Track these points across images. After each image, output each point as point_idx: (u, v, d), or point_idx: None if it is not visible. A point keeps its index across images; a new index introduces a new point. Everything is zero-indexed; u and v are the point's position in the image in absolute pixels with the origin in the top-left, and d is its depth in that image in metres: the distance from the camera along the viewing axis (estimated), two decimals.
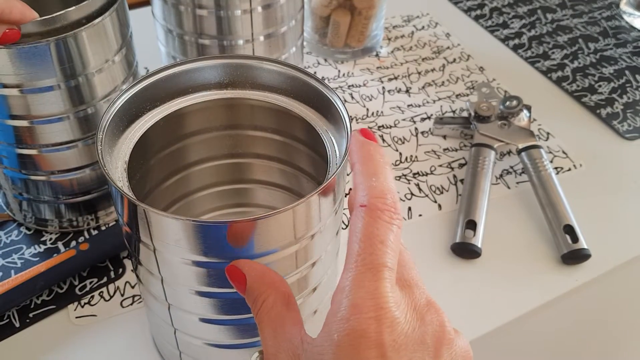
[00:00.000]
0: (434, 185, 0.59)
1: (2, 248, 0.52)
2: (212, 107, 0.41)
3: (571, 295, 0.51)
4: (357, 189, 0.27)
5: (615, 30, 0.81)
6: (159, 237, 0.32)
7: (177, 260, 0.32)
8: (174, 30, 0.54)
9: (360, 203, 0.26)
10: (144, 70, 0.71)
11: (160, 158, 0.42)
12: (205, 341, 0.38)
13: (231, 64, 0.39)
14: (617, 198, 0.59)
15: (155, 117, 0.38)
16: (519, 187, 0.59)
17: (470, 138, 0.64)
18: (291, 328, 0.26)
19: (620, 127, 0.66)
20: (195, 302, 0.35)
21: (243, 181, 0.47)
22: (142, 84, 0.37)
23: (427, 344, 0.25)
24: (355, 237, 0.26)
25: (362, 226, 0.25)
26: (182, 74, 0.39)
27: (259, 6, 0.52)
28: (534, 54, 0.76)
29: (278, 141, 0.43)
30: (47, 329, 0.47)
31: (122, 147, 0.36)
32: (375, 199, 0.26)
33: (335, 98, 0.36)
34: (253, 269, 0.29)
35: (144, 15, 0.72)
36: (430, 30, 0.80)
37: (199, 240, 0.30)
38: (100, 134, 0.33)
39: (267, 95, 0.40)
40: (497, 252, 0.53)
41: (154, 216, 0.31)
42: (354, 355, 0.23)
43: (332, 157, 0.36)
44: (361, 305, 0.24)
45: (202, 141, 0.43)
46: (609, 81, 0.72)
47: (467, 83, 0.71)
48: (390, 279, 0.25)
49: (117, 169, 0.34)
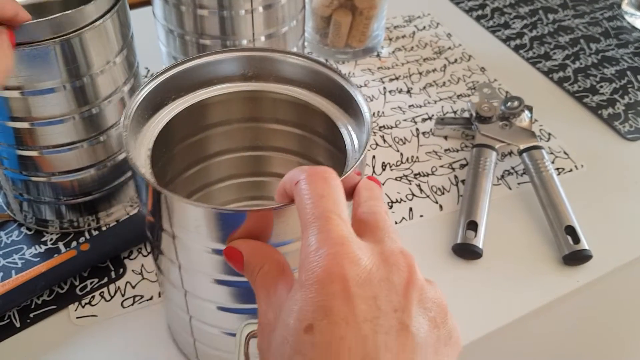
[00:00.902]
0: (435, 186, 0.59)
1: (3, 248, 0.52)
2: (235, 99, 0.41)
3: (572, 296, 0.51)
4: (286, 183, 0.28)
5: (616, 31, 0.81)
6: (179, 223, 0.32)
7: (195, 248, 0.33)
8: (174, 30, 0.54)
9: (295, 181, 0.27)
10: (145, 70, 0.71)
11: (182, 148, 0.42)
12: (221, 330, 0.38)
13: (255, 57, 0.40)
14: (618, 199, 0.59)
15: (179, 106, 0.39)
16: (520, 188, 0.59)
17: (471, 139, 0.64)
18: (283, 289, 0.27)
19: (622, 128, 0.66)
20: (213, 290, 0.35)
21: (262, 174, 0.48)
22: (168, 73, 0.38)
23: (393, 282, 0.25)
24: (301, 204, 0.26)
25: (303, 191, 0.26)
26: (207, 65, 0.39)
27: (260, 6, 0.52)
28: (535, 54, 0.76)
29: (298, 135, 0.43)
30: (48, 329, 0.47)
31: (146, 135, 0.37)
32: (309, 172, 0.27)
33: (356, 93, 0.36)
34: (248, 245, 0.30)
35: (144, 15, 0.71)
36: (431, 31, 0.80)
37: (218, 228, 0.31)
38: (125, 121, 0.34)
39: (289, 88, 0.40)
40: (498, 253, 0.53)
41: (174, 202, 0.31)
42: (320, 291, 0.23)
43: (351, 151, 0.36)
44: (320, 247, 0.24)
45: (223, 133, 0.44)
46: (611, 82, 0.72)
47: (469, 83, 0.71)
48: (342, 224, 0.25)
49: (141, 156, 0.35)
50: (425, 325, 0.24)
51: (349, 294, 0.23)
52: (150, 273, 0.50)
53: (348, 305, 0.23)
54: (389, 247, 0.26)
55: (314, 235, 0.25)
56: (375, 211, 0.28)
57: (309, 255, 0.24)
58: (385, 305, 0.24)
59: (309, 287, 0.24)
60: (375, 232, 0.27)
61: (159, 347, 0.46)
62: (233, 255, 0.30)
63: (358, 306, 0.23)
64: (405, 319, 0.24)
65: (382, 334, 0.23)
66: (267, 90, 0.41)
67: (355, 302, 0.23)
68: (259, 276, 0.28)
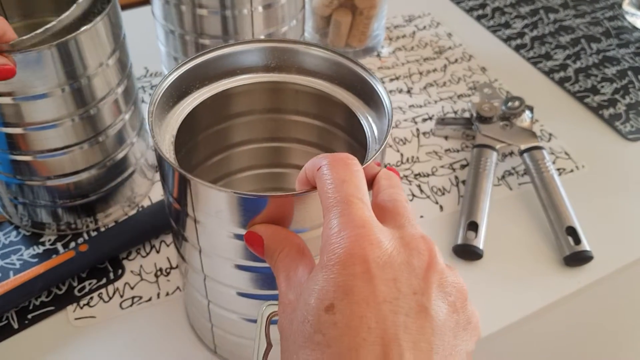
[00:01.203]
0: (436, 187, 0.59)
1: (1, 249, 0.52)
2: (257, 90, 0.42)
3: (573, 297, 0.50)
4: (309, 170, 0.29)
5: (617, 31, 0.80)
6: (201, 207, 0.33)
7: (217, 232, 0.33)
8: (174, 30, 0.54)
9: (317, 167, 0.28)
10: (144, 69, 0.71)
11: (204, 136, 0.43)
12: (239, 315, 0.39)
13: (279, 48, 0.40)
14: (619, 199, 0.58)
15: (203, 95, 0.39)
16: (521, 189, 0.59)
17: (472, 139, 0.64)
18: (303, 271, 0.27)
19: (623, 128, 0.66)
20: (233, 275, 0.36)
21: (281, 165, 0.48)
22: (194, 62, 0.38)
23: (413, 266, 0.25)
24: (323, 189, 0.27)
25: (325, 176, 0.27)
26: (231, 55, 0.40)
27: (259, 6, 0.52)
28: (536, 54, 0.76)
29: (317, 126, 0.44)
30: (46, 330, 0.46)
31: (170, 122, 0.37)
32: (331, 157, 0.28)
33: (378, 85, 0.37)
34: (268, 229, 0.30)
35: (144, 15, 0.71)
36: (431, 30, 0.79)
37: (239, 213, 0.31)
38: (151, 107, 0.34)
39: (311, 80, 0.41)
40: (499, 254, 0.53)
41: (197, 186, 0.31)
42: (341, 271, 0.24)
43: (372, 142, 0.36)
44: (342, 230, 0.25)
45: (245, 123, 0.44)
46: (612, 82, 0.72)
47: (469, 83, 0.71)
48: (364, 208, 0.26)
49: (165, 142, 0.36)
50: (445, 309, 0.25)
51: (370, 275, 0.24)
52: (149, 274, 0.50)
53: (369, 286, 0.23)
54: (410, 232, 0.26)
55: (336, 218, 0.25)
56: (395, 198, 0.29)
57: (331, 238, 0.25)
58: (405, 287, 0.24)
59: (331, 267, 0.24)
60: (395, 218, 0.27)
61: (158, 348, 0.45)
62: (254, 240, 0.30)
63: (378, 287, 0.23)
64: (424, 301, 0.24)
65: (402, 315, 0.23)
66: (289, 82, 0.41)
67: (375, 283, 0.23)
68: (280, 259, 0.29)
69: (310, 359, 0.23)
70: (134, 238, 0.51)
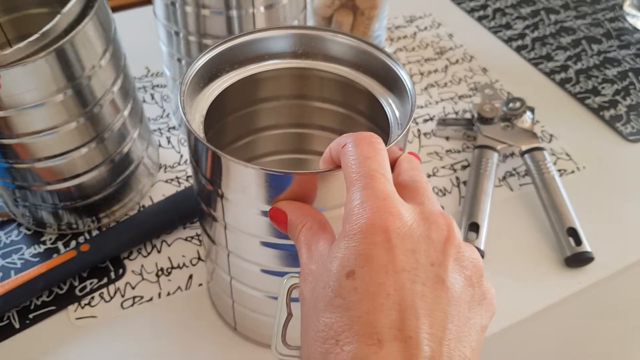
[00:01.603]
0: (437, 187, 0.59)
1: (2, 248, 0.52)
2: (284, 76, 0.43)
3: (574, 298, 0.50)
4: (334, 149, 0.29)
5: (618, 32, 0.80)
6: (227, 183, 0.34)
7: (243, 209, 0.35)
8: (175, 30, 0.54)
9: (342, 145, 0.29)
10: (145, 69, 0.71)
11: (232, 120, 0.44)
12: (259, 291, 0.41)
13: (307, 35, 0.42)
14: (620, 200, 0.58)
15: (232, 78, 0.41)
16: (522, 189, 0.59)
17: (473, 140, 0.64)
18: (324, 244, 0.28)
19: (624, 130, 0.66)
20: (258, 252, 0.37)
21: (305, 152, 0.49)
22: (224, 46, 0.40)
23: (432, 239, 0.26)
24: (347, 164, 0.28)
25: (349, 153, 0.28)
26: (260, 41, 0.41)
27: (261, 6, 0.52)
28: (537, 55, 0.76)
29: (341, 113, 0.45)
30: (47, 330, 0.46)
31: (200, 103, 0.39)
32: (356, 135, 0.29)
33: (402, 72, 0.38)
34: (291, 204, 0.31)
35: (145, 15, 0.71)
36: (433, 31, 0.79)
37: (265, 189, 0.32)
38: (183, 87, 0.36)
39: (336, 67, 0.42)
40: (500, 255, 0.53)
41: (226, 163, 0.33)
42: (362, 240, 0.25)
43: (394, 127, 0.38)
44: (364, 202, 0.26)
45: (271, 108, 0.46)
46: (613, 83, 0.72)
47: (470, 84, 0.71)
48: (386, 182, 0.27)
49: (195, 121, 0.37)
50: (461, 282, 0.26)
51: (390, 244, 0.25)
52: (150, 274, 0.50)
53: (388, 255, 0.24)
54: (429, 208, 0.27)
55: (358, 191, 0.26)
56: (416, 179, 0.29)
57: (354, 209, 0.26)
58: (423, 258, 0.25)
59: (353, 236, 0.25)
60: (415, 196, 0.28)
61: (158, 348, 0.45)
62: (277, 216, 0.31)
63: (397, 256, 0.24)
64: (441, 273, 0.25)
65: (419, 284, 0.24)
66: (315, 68, 0.42)
67: (395, 253, 0.24)
68: (302, 233, 0.30)
69: (331, 321, 0.24)
70: (135, 238, 0.51)
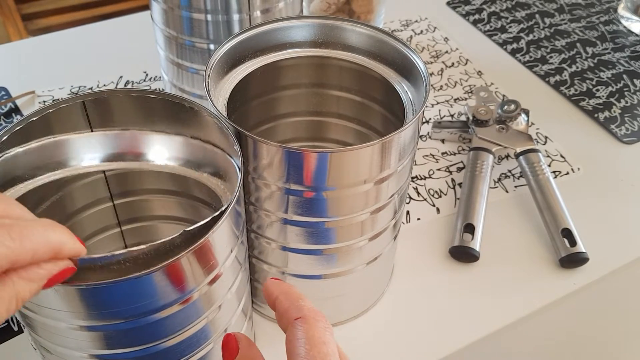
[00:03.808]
0: (432, 189, 0.59)
1: None
2: (304, 64, 0.45)
3: (569, 298, 0.51)
4: (286, 311, 0.29)
5: (613, 35, 0.81)
6: (251, 160, 0.36)
7: (265, 184, 0.37)
8: (172, 34, 0.55)
9: (295, 317, 0.29)
10: (143, 74, 0.71)
11: (252, 106, 0.46)
12: (280, 269, 0.43)
13: (326, 25, 0.43)
14: (614, 201, 0.59)
15: (254, 65, 0.43)
16: (517, 191, 0.59)
17: (468, 142, 0.64)
18: None
19: (618, 131, 0.66)
20: (278, 229, 0.39)
21: (322, 139, 0.51)
22: (247, 33, 0.42)
23: None
24: (298, 343, 0.27)
25: (303, 332, 0.28)
26: (281, 30, 0.43)
27: (257, 11, 0.52)
28: (532, 58, 0.76)
29: (357, 102, 0.47)
30: None
31: (224, 87, 0.41)
32: (309, 310, 0.29)
33: (417, 59, 0.40)
34: (242, 338, 0.31)
35: (143, 19, 0.72)
36: (428, 35, 0.80)
37: (284, 166, 0.35)
38: (208, 70, 0.38)
39: (354, 56, 0.44)
40: (495, 256, 0.53)
41: (245, 139, 0.35)
42: None
43: (409, 113, 0.40)
44: None
45: (291, 96, 0.48)
46: (607, 85, 0.72)
47: (466, 87, 0.71)
48: None
49: (219, 104, 0.39)
50: None
51: None
52: None
53: None
54: None
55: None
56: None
57: None
58: None
59: None
60: None
61: None
62: (229, 346, 0.31)
63: None
64: None
65: None
66: (334, 57, 0.44)
67: None
68: None
69: None
70: None
